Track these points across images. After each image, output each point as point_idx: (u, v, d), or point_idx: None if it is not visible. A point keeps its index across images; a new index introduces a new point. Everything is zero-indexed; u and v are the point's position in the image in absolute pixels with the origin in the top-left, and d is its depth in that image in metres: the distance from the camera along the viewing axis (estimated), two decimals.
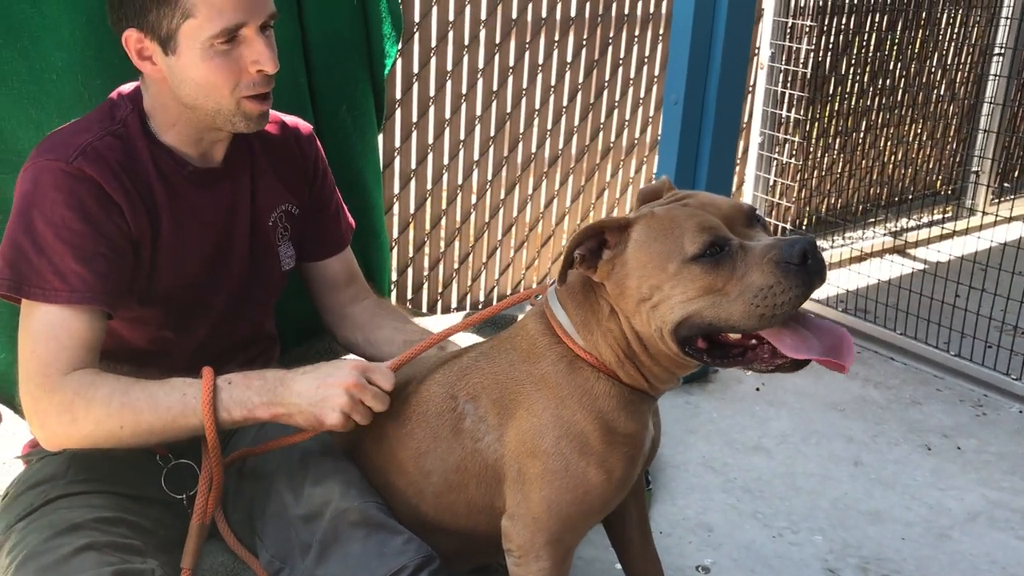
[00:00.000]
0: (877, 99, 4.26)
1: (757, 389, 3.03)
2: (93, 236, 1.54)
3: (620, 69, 3.65)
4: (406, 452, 1.61)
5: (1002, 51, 4.34)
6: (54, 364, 1.50)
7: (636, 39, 3.66)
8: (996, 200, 4.72)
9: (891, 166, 4.47)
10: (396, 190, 3.19)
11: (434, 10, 3.06)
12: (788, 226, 3.99)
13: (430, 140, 3.21)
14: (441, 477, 1.58)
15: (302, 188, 1.90)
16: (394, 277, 3.26)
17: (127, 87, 1.71)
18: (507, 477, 1.52)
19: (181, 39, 1.55)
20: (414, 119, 3.14)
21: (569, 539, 1.52)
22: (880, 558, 2.20)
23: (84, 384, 1.50)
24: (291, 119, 1.92)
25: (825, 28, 3.91)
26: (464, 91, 3.23)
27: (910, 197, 4.59)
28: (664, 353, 1.43)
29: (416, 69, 3.08)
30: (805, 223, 4.24)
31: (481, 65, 3.24)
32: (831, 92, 4.06)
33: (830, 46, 3.95)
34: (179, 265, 1.70)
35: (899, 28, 4.22)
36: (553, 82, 3.46)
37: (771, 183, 3.91)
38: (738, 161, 4.03)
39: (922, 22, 4.31)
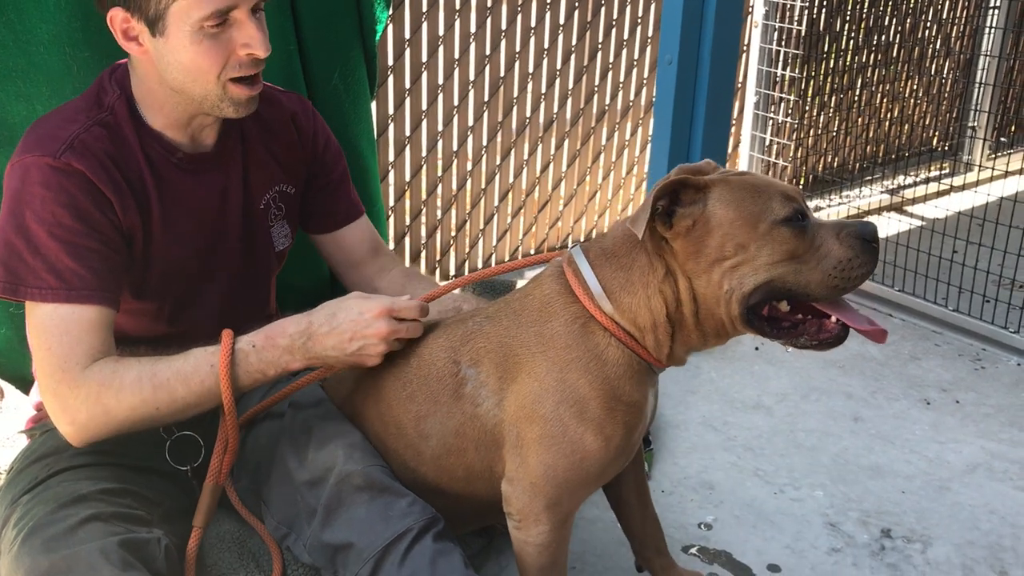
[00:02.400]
0: (872, 55, 4.23)
1: (756, 348, 3.04)
2: (85, 231, 1.52)
3: (613, 30, 3.62)
4: (407, 415, 1.62)
5: (998, 3, 4.30)
6: (72, 358, 1.50)
7: None
8: (993, 155, 4.71)
9: (887, 123, 4.45)
10: (391, 158, 3.17)
11: None
12: None
13: (424, 106, 3.19)
14: (440, 440, 1.59)
15: (298, 166, 1.88)
16: (391, 245, 3.26)
17: (119, 64, 1.68)
18: (506, 442, 1.53)
19: (170, 20, 1.51)
20: (407, 85, 3.12)
21: (567, 504, 1.53)
22: (881, 511, 2.21)
23: (107, 374, 1.50)
24: (289, 96, 1.90)
25: None
26: (457, 56, 3.20)
27: (907, 154, 4.57)
28: (716, 318, 1.46)
29: (408, 34, 3.05)
30: (802, 182, 4.22)
31: (473, 29, 3.21)
32: (826, 49, 4.03)
33: (824, 2, 3.91)
34: (171, 253, 1.68)
35: None
36: (546, 45, 3.43)
37: (767, 143, 3.89)
38: (733, 121, 4.00)
39: None
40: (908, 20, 4.32)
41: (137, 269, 1.65)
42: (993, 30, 4.34)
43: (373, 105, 2.80)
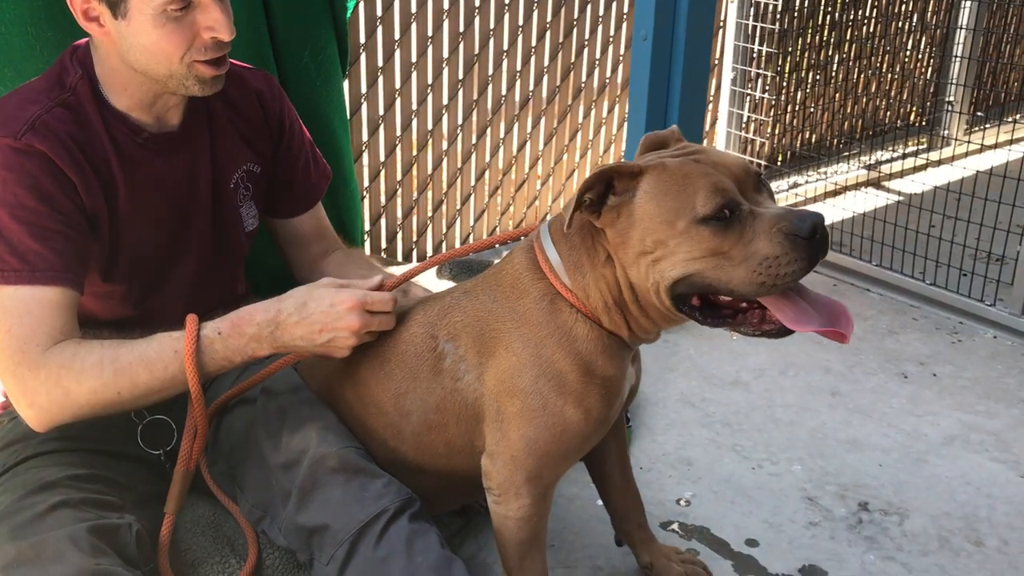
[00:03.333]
0: (849, 30, 4.22)
1: None
2: (48, 213, 1.49)
3: (589, 6, 3.59)
4: (386, 393, 1.61)
5: None
6: (32, 340, 1.46)
7: None
8: (970, 129, 4.72)
9: (865, 98, 4.45)
10: (365, 137, 3.14)
11: None
12: (763, 162, 3.97)
13: (397, 85, 3.15)
14: (421, 417, 1.58)
15: (265, 146, 1.85)
16: (367, 227, 3.23)
17: (79, 44, 1.65)
18: (486, 416, 1.53)
19: (132, 3, 1.48)
20: (380, 63, 3.08)
21: (547, 477, 1.53)
22: (858, 485, 2.22)
23: (68, 356, 1.47)
24: (254, 73, 1.86)
25: None
26: (430, 33, 3.17)
27: (884, 129, 4.58)
28: (654, 306, 1.43)
29: (380, 11, 3.02)
30: (780, 159, 4.22)
31: (447, 6, 3.18)
32: (803, 24, 4.01)
33: None
34: (140, 236, 1.66)
35: None
36: (521, 21, 3.40)
37: (745, 120, 3.88)
38: (710, 98, 3.99)
39: None
40: None
41: (105, 251, 1.62)
42: (969, 3, 4.34)
43: (345, 84, 2.77)
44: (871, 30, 4.33)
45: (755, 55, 3.81)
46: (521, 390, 1.48)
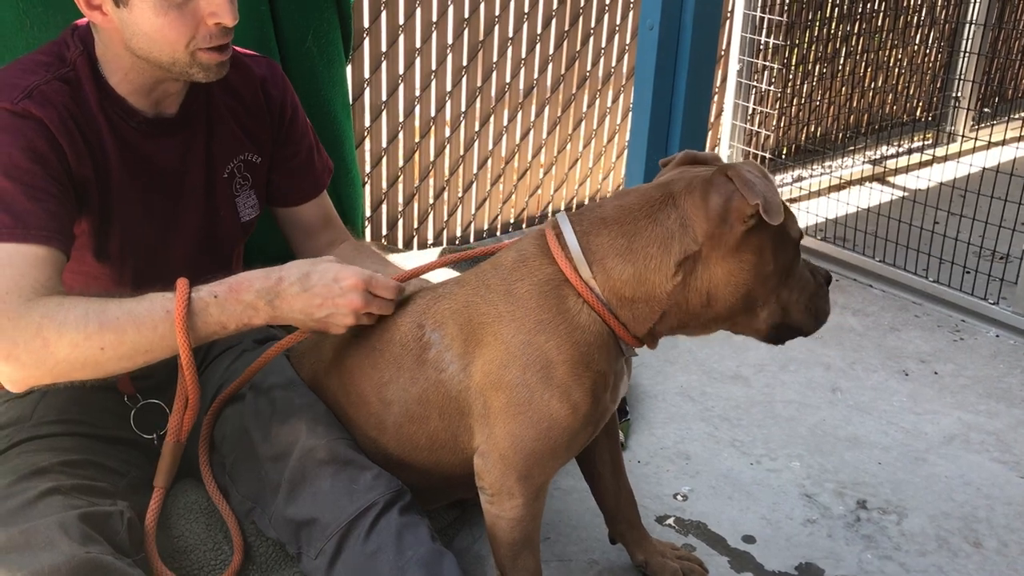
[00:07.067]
0: (856, 24, 4.19)
1: None
2: (43, 175, 1.47)
3: None
4: (369, 383, 1.58)
5: None
6: (14, 291, 1.40)
7: None
8: (976, 125, 4.68)
9: (871, 93, 4.42)
10: (367, 123, 3.12)
11: None
12: (768, 155, 3.94)
13: (400, 71, 3.13)
14: (402, 408, 1.55)
15: (266, 135, 1.82)
16: (368, 213, 3.21)
17: (80, 23, 1.63)
18: (472, 411, 1.50)
19: None
20: (383, 49, 3.05)
21: (539, 476, 1.50)
22: (857, 482, 2.21)
23: (52, 307, 1.40)
24: (258, 60, 1.84)
25: None
26: (435, 19, 3.13)
27: (890, 124, 4.55)
28: (720, 321, 1.51)
29: None
30: (785, 152, 4.19)
31: None
32: (810, 17, 3.98)
33: None
34: (131, 217, 1.64)
35: None
36: (527, 9, 3.37)
37: (750, 112, 3.85)
38: (716, 89, 3.96)
39: None
40: None
41: (96, 227, 1.60)
42: None
43: (348, 69, 2.74)
44: (880, 23, 4.30)
45: (762, 47, 3.78)
46: (507, 383, 1.44)
